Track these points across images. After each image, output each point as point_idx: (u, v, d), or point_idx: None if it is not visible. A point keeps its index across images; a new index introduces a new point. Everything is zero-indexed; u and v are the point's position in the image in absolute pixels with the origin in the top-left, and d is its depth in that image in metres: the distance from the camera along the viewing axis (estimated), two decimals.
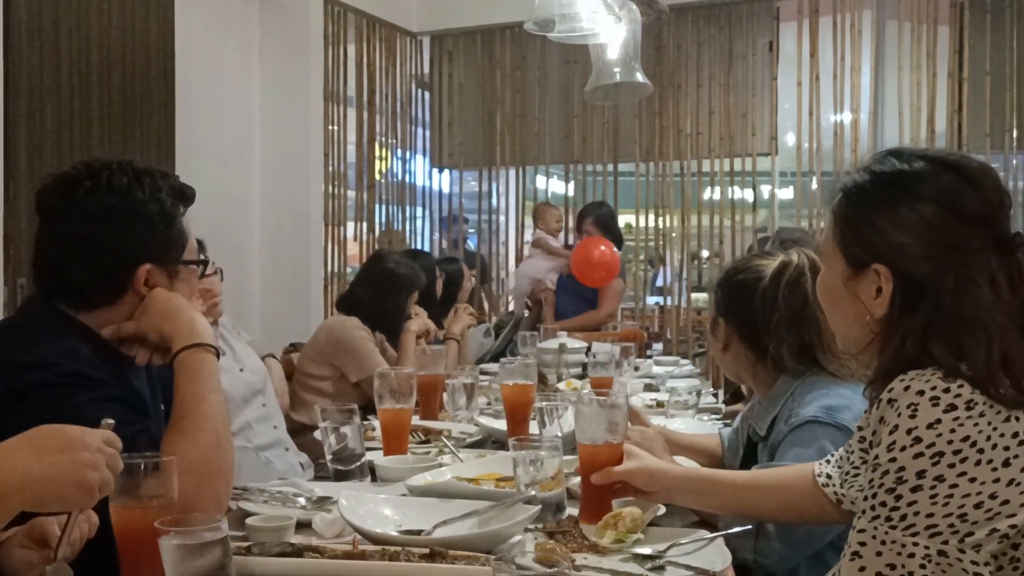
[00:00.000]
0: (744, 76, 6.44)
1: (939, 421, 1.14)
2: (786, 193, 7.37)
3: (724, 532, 1.67)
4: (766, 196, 6.77)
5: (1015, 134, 5.95)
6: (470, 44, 7.01)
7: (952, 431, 1.14)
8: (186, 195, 1.79)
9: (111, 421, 1.27)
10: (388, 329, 3.78)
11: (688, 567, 1.49)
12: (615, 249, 5.70)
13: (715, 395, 3.99)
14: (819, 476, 1.56)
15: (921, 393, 1.16)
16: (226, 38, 5.26)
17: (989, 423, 1.14)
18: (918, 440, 1.14)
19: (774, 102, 6.42)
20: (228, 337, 3.21)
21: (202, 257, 1.89)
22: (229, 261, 3.35)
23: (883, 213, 1.29)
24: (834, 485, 1.53)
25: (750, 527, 1.74)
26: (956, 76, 5.99)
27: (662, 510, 1.80)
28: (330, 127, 5.93)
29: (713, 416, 3.22)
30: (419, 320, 3.75)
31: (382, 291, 3.76)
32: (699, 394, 3.20)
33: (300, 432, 3.48)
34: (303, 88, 5.63)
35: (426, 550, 1.47)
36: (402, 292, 3.77)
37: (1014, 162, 6.04)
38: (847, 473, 1.37)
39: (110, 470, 1.18)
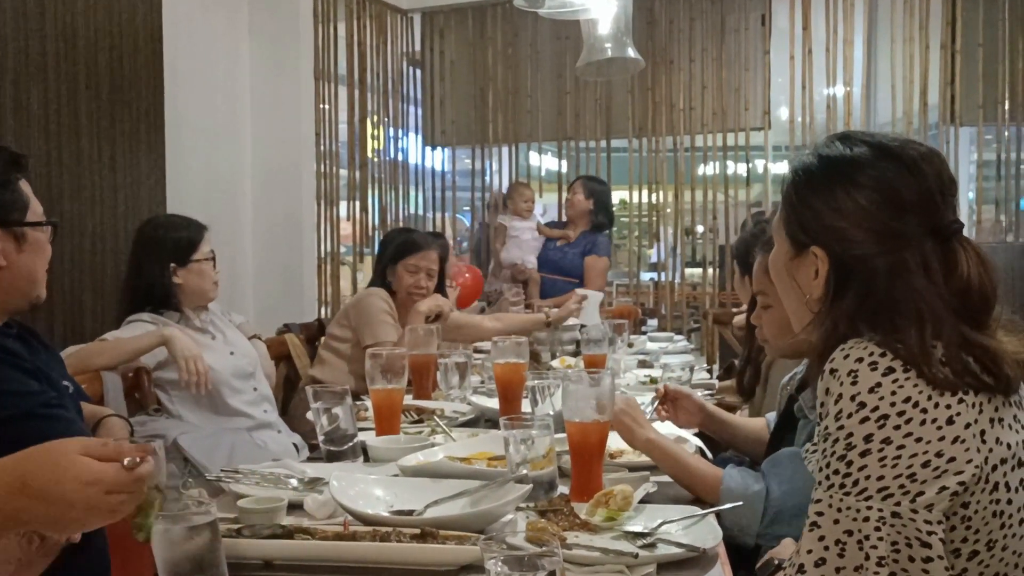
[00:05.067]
0: (737, 50, 6.41)
1: (880, 385, 1.16)
2: (780, 167, 7.36)
3: (715, 508, 1.68)
4: (760, 171, 6.75)
5: (1007, 106, 5.93)
6: (461, 21, 6.97)
7: (893, 393, 1.16)
8: (20, 163, 1.86)
9: (136, 459, 1.25)
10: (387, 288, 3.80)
11: (679, 544, 1.49)
12: (478, 275, 5.83)
13: (708, 371, 4.00)
14: None
15: (860, 360, 1.18)
16: (215, 17, 5.21)
17: (929, 383, 1.16)
18: (862, 405, 1.16)
19: (767, 76, 6.39)
20: (218, 322, 3.21)
21: (53, 219, 1.93)
22: (221, 242, 3.34)
23: (822, 197, 1.31)
24: None
25: (740, 503, 1.74)
26: (949, 48, 5.96)
27: (653, 487, 1.80)
28: (321, 106, 5.89)
29: (706, 392, 3.23)
30: (430, 301, 3.73)
31: (379, 260, 3.87)
32: (692, 370, 3.20)
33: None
34: (293, 67, 5.59)
35: (417, 530, 1.48)
36: (383, 256, 3.81)
37: (1006, 134, 6.02)
38: (806, 450, 1.38)
39: (121, 509, 1.15)
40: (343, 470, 1.89)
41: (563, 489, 1.81)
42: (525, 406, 2.51)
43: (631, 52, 4.45)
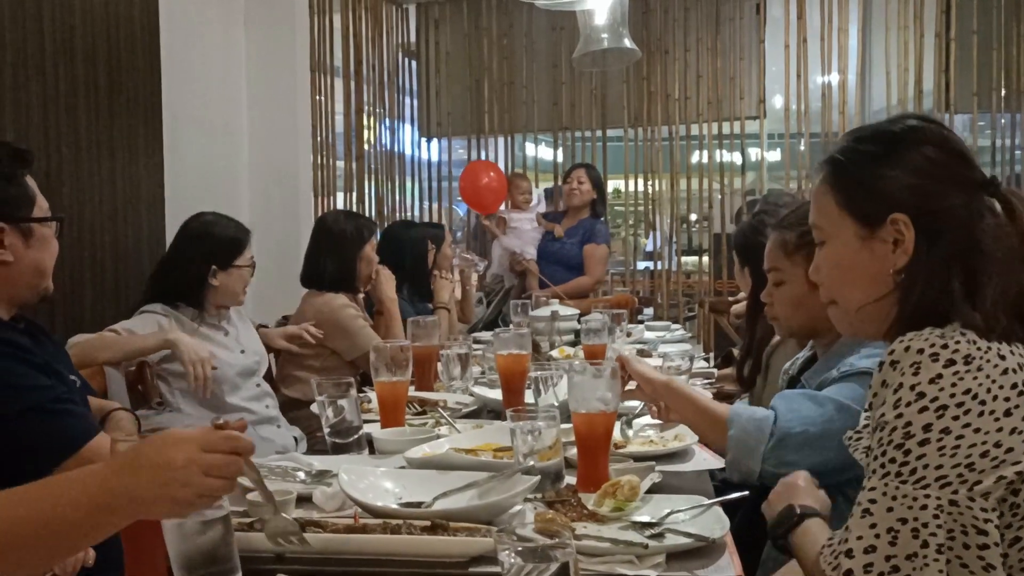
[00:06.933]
0: (731, 39, 6.43)
1: (940, 376, 1.18)
2: (774, 156, 7.38)
3: (722, 499, 1.69)
4: (755, 159, 6.77)
5: (1003, 93, 5.96)
6: (456, 12, 6.97)
7: (954, 384, 1.18)
8: (25, 158, 1.88)
9: (221, 420, 1.28)
10: (352, 287, 3.76)
11: (687, 534, 1.51)
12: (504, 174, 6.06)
13: (706, 359, 4.01)
14: None
15: (921, 351, 1.20)
16: (210, 9, 5.20)
17: (988, 376, 1.19)
18: (922, 395, 1.18)
19: (762, 65, 6.41)
20: (235, 319, 3.20)
21: (59, 214, 1.94)
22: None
23: (891, 163, 1.35)
24: None
25: (747, 492, 1.75)
26: (943, 36, 5.98)
27: (659, 477, 1.82)
28: (317, 98, 5.89)
29: (706, 381, 3.24)
30: (389, 284, 3.78)
31: (331, 252, 3.73)
32: (692, 359, 3.21)
33: (293, 407, 3.47)
34: (289, 59, 5.58)
35: (427, 522, 1.49)
36: (346, 248, 3.72)
37: (1002, 121, 6.04)
38: (849, 438, 1.40)
39: (219, 474, 1.16)
40: (350, 462, 1.90)
41: (569, 480, 1.82)
42: (528, 396, 2.52)
43: (627, 42, 4.47)
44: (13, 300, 1.88)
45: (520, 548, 1.18)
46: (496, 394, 2.63)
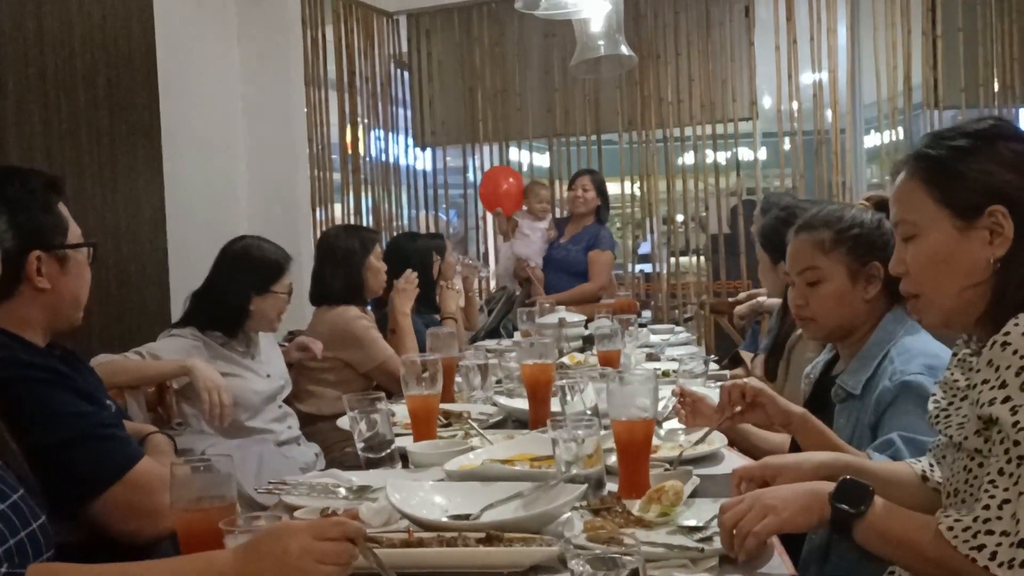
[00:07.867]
0: (722, 42, 6.48)
1: None
2: (767, 155, 7.43)
3: None
4: (749, 159, 6.82)
5: (995, 87, 6.02)
6: (447, 21, 6.99)
7: None
8: (58, 185, 1.89)
9: (330, 510, 1.32)
10: (361, 299, 3.78)
11: None
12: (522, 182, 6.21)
13: (717, 361, 4.03)
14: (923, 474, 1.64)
15: None
16: (205, 26, 5.22)
17: None
18: None
19: (752, 67, 6.46)
20: (264, 344, 3.20)
21: (92, 240, 1.95)
22: (217, 248, 3.29)
23: (984, 158, 1.42)
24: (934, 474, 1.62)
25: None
26: (930, 34, 6.04)
27: (697, 481, 1.84)
28: (309, 110, 5.91)
29: (719, 384, 3.25)
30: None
31: (337, 268, 3.72)
32: (707, 362, 3.23)
33: (308, 422, 3.48)
34: (283, 72, 5.61)
35: (482, 534, 1.51)
36: (352, 263, 3.73)
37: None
38: (935, 418, 1.44)
39: (332, 561, 1.23)
40: (389, 477, 1.91)
41: (610, 487, 1.83)
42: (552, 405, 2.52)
43: (624, 49, 4.50)
44: (49, 328, 1.89)
45: (590, 556, 1.20)
46: (520, 404, 2.64)
